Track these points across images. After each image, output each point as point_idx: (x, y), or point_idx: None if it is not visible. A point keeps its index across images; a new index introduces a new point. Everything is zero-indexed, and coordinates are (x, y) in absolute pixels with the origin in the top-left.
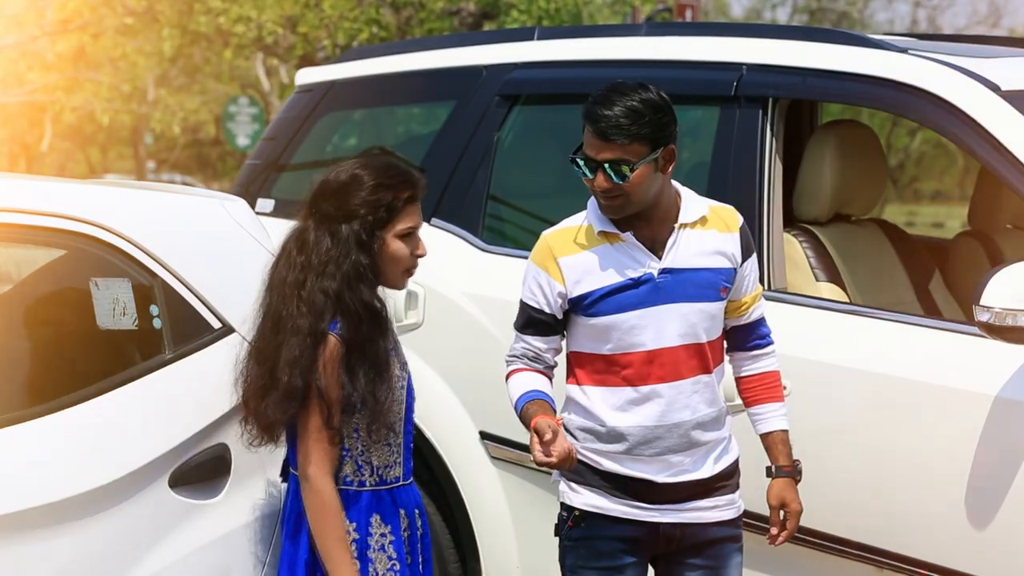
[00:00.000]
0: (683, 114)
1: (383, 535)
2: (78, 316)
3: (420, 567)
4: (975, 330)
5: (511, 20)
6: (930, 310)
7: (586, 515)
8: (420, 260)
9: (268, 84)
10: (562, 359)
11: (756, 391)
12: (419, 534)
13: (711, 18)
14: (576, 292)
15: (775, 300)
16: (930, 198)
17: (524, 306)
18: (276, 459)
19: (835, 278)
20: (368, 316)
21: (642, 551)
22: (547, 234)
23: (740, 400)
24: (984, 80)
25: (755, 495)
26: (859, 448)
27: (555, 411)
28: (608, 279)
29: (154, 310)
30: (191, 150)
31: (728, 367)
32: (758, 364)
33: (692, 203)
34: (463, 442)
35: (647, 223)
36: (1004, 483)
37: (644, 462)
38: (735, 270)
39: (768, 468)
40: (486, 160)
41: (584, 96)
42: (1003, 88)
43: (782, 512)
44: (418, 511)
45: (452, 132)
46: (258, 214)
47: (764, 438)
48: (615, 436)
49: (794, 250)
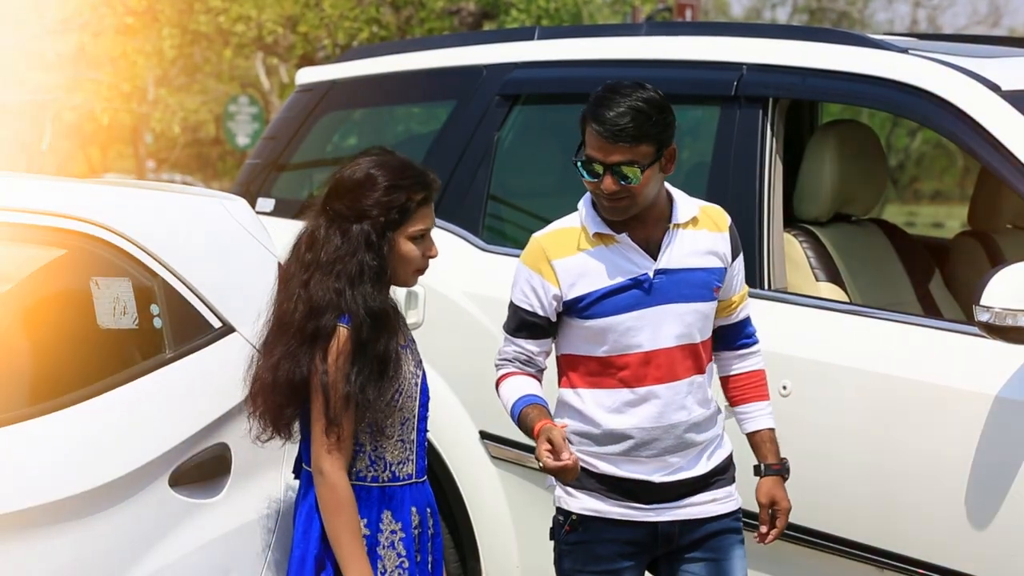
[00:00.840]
0: (683, 114)
1: (393, 532)
2: (78, 315)
3: (429, 566)
4: (975, 330)
5: (511, 20)
6: (930, 310)
7: (583, 519)
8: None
9: (268, 83)
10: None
11: (743, 390)
12: (430, 533)
13: (711, 18)
14: (571, 295)
15: (775, 300)
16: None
17: (516, 309)
18: (276, 458)
19: (835, 278)
20: (371, 316)
21: (641, 554)
22: (539, 236)
23: (724, 399)
24: (984, 80)
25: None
26: (859, 448)
27: (551, 415)
28: (604, 281)
29: (154, 309)
30: (191, 149)
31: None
32: (745, 363)
33: (683, 203)
34: (463, 442)
35: (642, 224)
36: (1004, 483)
37: (640, 463)
38: (726, 269)
39: (756, 467)
40: (486, 160)
41: (585, 96)
42: (1003, 88)
43: (772, 510)
44: (430, 510)
45: (452, 132)
46: (258, 213)
47: (751, 436)
48: (612, 438)
49: (794, 250)
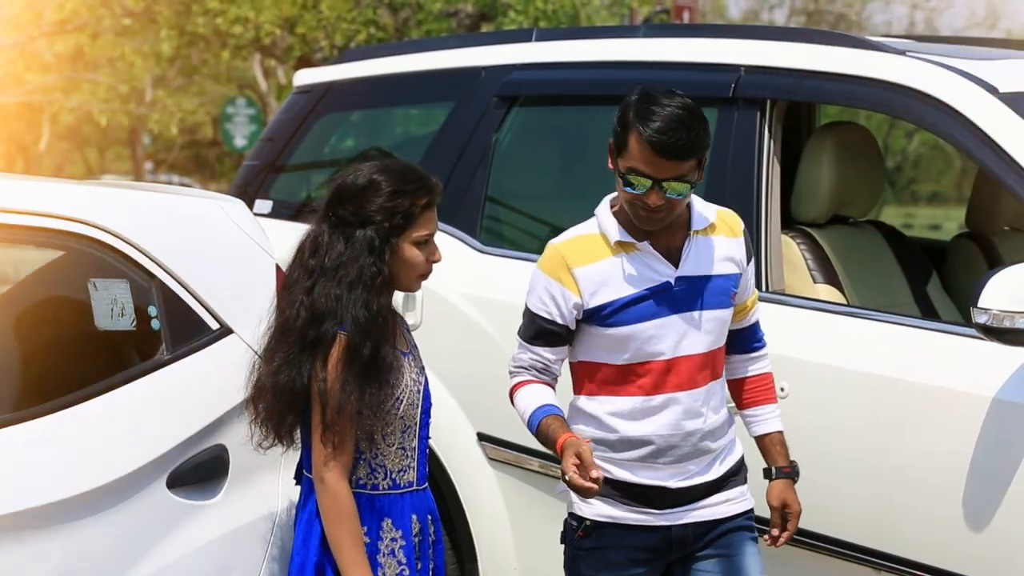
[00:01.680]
0: None
1: (393, 539)
2: (76, 317)
3: (430, 573)
4: (973, 332)
5: (508, 21)
6: (927, 312)
7: (597, 525)
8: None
9: (266, 85)
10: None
11: (753, 393)
12: (431, 540)
13: (709, 20)
14: (593, 303)
15: (773, 302)
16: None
17: (533, 316)
18: (274, 461)
19: (832, 280)
20: (368, 323)
21: (655, 559)
22: (558, 243)
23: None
24: (982, 82)
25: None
26: (857, 450)
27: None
28: (626, 289)
29: (152, 311)
30: (189, 151)
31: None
32: (755, 366)
33: (701, 209)
34: (461, 444)
35: (665, 231)
36: (1001, 485)
37: (656, 469)
38: (741, 275)
39: (766, 470)
40: (484, 161)
41: (582, 98)
42: (1001, 90)
43: (783, 513)
44: (431, 517)
45: (450, 133)
46: (256, 215)
47: (761, 439)
48: (629, 445)
49: (792, 252)
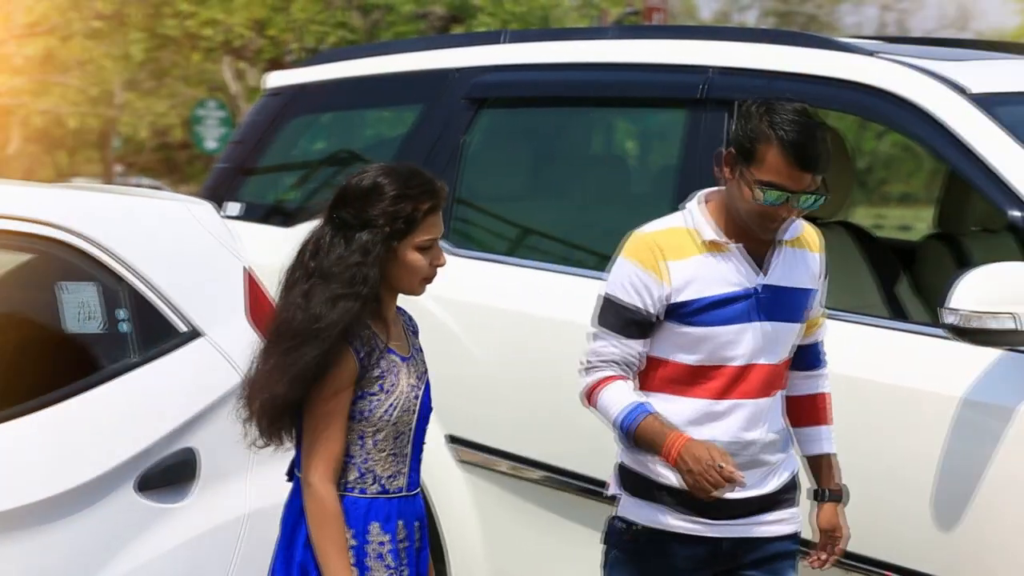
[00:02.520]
0: (651, 117)
1: (381, 543)
2: (45, 320)
3: None
4: (942, 332)
5: (479, 23)
6: (897, 313)
7: (647, 531)
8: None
9: (236, 87)
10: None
11: (811, 412)
12: (416, 547)
13: (679, 21)
14: (679, 298)
15: None
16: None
17: (619, 307)
18: (243, 463)
19: None
20: (353, 327)
21: (699, 570)
22: (648, 233)
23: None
24: (952, 83)
25: None
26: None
27: None
28: (713, 289)
29: (121, 314)
30: (159, 153)
31: None
32: (814, 384)
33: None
34: (430, 445)
35: (757, 236)
36: (970, 485)
37: None
38: (817, 291)
39: (817, 491)
40: (453, 163)
41: (551, 99)
42: (971, 91)
43: (830, 536)
44: (418, 523)
45: (420, 135)
46: (226, 217)
47: (813, 460)
48: None
49: None
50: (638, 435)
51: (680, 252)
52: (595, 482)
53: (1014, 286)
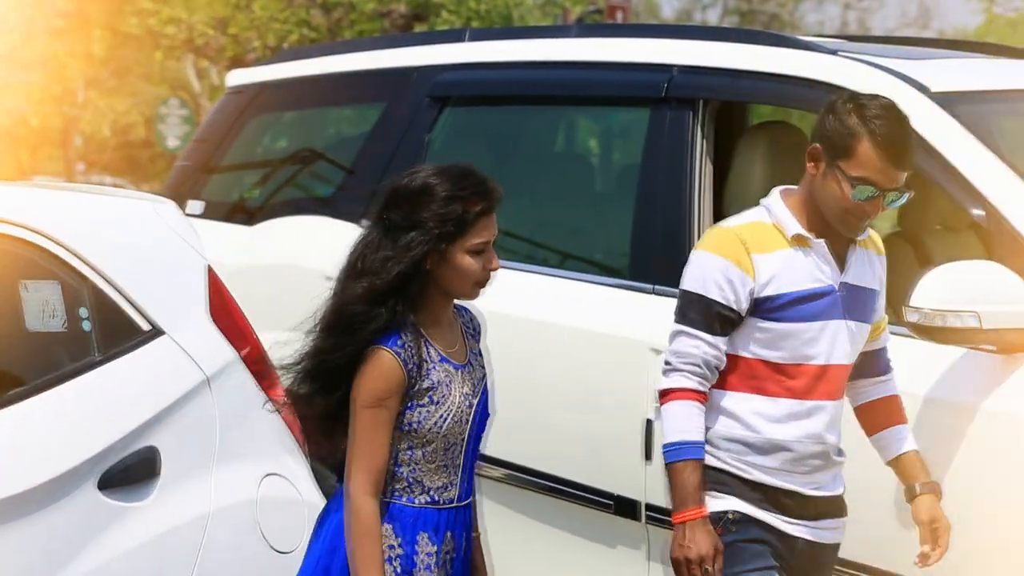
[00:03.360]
0: (614, 116)
1: (428, 555)
2: (7, 318)
3: None
4: (904, 331)
5: (441, 21)
6: None
7: (740, 518)
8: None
9: (199, 86)
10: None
11: (888, 414)
12: (463, 556)
13: (642, 19)
14: (764, 293)
15: None
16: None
17: (705, 301)
18: (206, 461)
19: None
20: (394, 333)
21: (779, 561)
22: (732, 227)
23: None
24: (914, 82)
25: None
26: None
27: None
28: (798, 284)
29: (83, 312)
30: (121, 152)
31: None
32: (889, 387)
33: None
34: None
35: (836, 234)
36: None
37: (792, 475)
38: (882, 294)
39: (911, 487)
40: (416, 163)
41: (515, 98)
42: (932, 89)
43: (932, 528)
44: (466, 533)
45: (382, 134)
46: (188, 216)
47: (900, 459)
48: (771, 447)
49: None
50: (673, 471)
51: (765, 246)
52: (559, 480)
53: (976, 284)
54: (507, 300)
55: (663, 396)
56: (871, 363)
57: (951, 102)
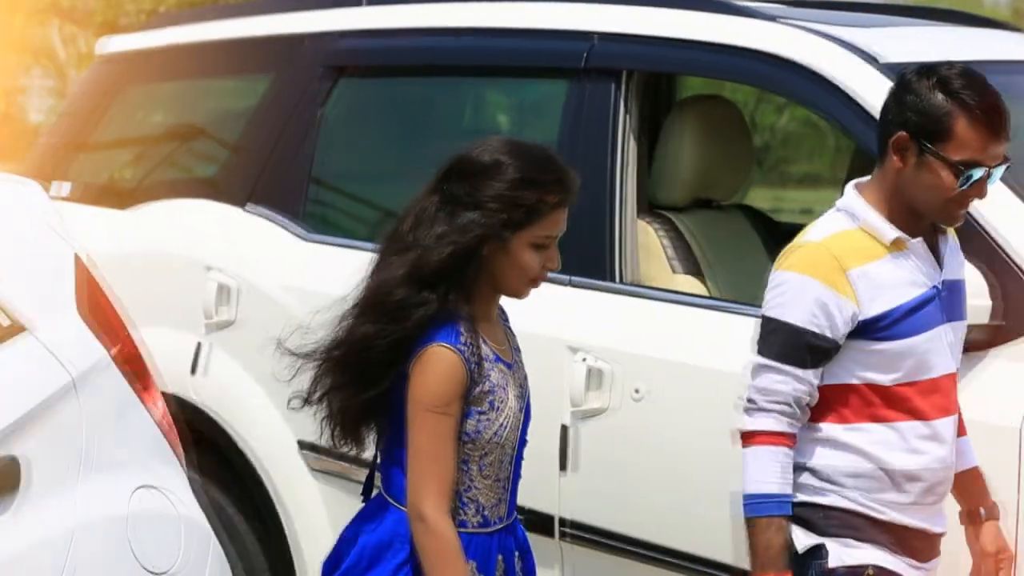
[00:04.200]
0: (529, 88)
1: None
2: None
3: None
4: None
5: None
6: None
7: (880, 572)
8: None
9: (65, 54)
10: None
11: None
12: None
13: None
14: (871, 312)
15: (626, 294)
16: (798, 181)
17: (794, 331)
18: (71, 473)
19: (694, 269)
20: (445, 319)
21: None
22: (820, 241)
23: None
24: (861, 51)
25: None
26: (718, 454)
27: None
28: (904, 295)
29: None
30: None
31: None
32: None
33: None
34: (280, 451)
35: (925, 227)
36: None
37: (922, 510)
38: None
39: (972, 510)
40: (308, 139)
41: (418, 68)
42: (882, 60)
43: (999, 559)
44: (518, 553)
45: (270, 108)
46: (54, 199)
47: (962, 475)
48: (904, 480)
49: (649, 239)
50: (754, 528)
51: (860, 257)
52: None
53: None
54: None
55: (746, 439)
56: None
57: None
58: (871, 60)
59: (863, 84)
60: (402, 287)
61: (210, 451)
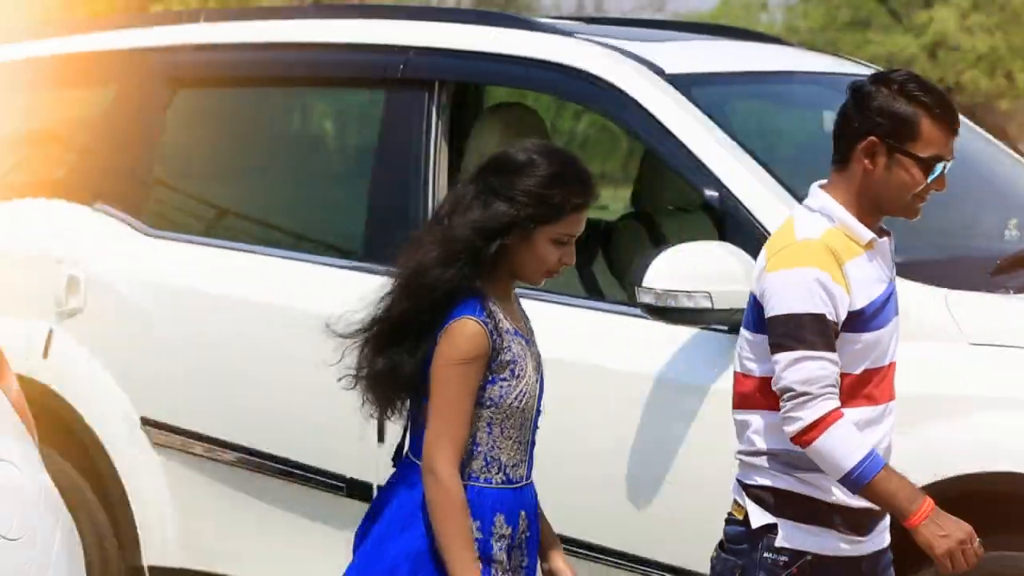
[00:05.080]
0: (349, 98)
1: (502, 536)
2: None
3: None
4: (637, 311)
5: (178, 2)
6: (592, 291)
7: (820, 561)
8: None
9: None
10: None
11: None
12: (535, 535)
13: (379, 1)
14: (857, 305)
15: None
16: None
17: (818, 319)
18: None
19: None
20: (464, 293)
21: None
22: (818, 238)
23: None
24: (649, 63)
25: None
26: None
27: None
28: (877, 290)
29: None
30: None
31: None
32: None
33: None
34: (124, 428)
35: (879, 228)
36: (665, 463)
37: None
38: None
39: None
40: (150, 144)
41: (248, 79)
42: (667, 71)
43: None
44: (534, 513)
45: (116, 115)
46: None
47: None
48: None
49: None
50: (877, 484)
51: (847, 255)
52: (291, 464)
53: (708, 265)
54: (238, 283)
55: (812, 429)
56: None
57: (686, 84)
58: (658, 72)
59: (649, 93)
60: (436, 267)
61: (61, 427)
